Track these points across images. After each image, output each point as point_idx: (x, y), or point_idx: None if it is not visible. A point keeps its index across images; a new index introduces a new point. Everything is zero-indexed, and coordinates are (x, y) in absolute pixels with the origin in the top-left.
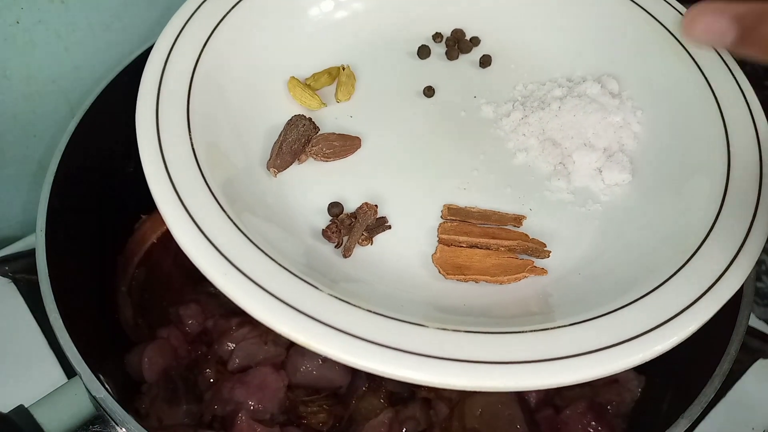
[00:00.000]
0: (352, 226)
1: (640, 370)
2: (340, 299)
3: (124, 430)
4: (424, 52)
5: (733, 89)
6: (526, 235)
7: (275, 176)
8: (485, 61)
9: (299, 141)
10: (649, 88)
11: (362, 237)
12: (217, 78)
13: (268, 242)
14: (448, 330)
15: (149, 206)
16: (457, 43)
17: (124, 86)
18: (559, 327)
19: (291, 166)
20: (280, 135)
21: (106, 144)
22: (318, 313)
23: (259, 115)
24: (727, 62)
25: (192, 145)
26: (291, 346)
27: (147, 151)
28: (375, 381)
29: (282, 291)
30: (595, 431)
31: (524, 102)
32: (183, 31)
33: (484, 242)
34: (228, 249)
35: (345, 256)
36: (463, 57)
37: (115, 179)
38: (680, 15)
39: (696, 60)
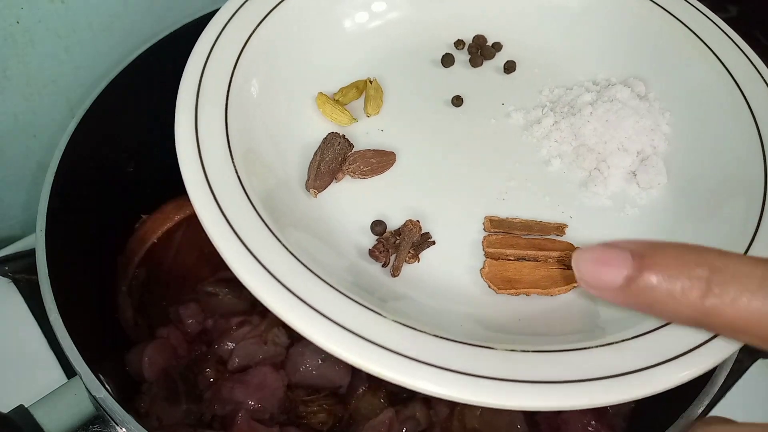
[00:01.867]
0: (398, 244)
1: None
2: (406, 326)
3: (124, 430)
4: (448, 60)
5: (763, 88)
6: (572, 244)
7: (315, 197)
8: (510, 67)
9: (336, 159)
10: (675, 90)
11: (409, 254)
12: (252, 91)
13: (319, 265)
14: (516, 351)
15: (149, 206)
16: (480, 50)
17: (124, 86)
18: (623, 341)
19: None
20: (317, 154)
21: (106, 144)
22: (387, 342)
23: (293, 130)
24: (752, 61)
25: (233, 162)
26: (291, 345)
27: (190, 174)
28: (375, 381)
29: (346, 319)
30: (595, 431)
31: (553, 107)
32: (216, 44)
33: (531, 254)
34: (286, 276)
35: (394, 275)
36: (486, 63)
37: (115, 179)
38: (702, 15)
39: (723, 61)
